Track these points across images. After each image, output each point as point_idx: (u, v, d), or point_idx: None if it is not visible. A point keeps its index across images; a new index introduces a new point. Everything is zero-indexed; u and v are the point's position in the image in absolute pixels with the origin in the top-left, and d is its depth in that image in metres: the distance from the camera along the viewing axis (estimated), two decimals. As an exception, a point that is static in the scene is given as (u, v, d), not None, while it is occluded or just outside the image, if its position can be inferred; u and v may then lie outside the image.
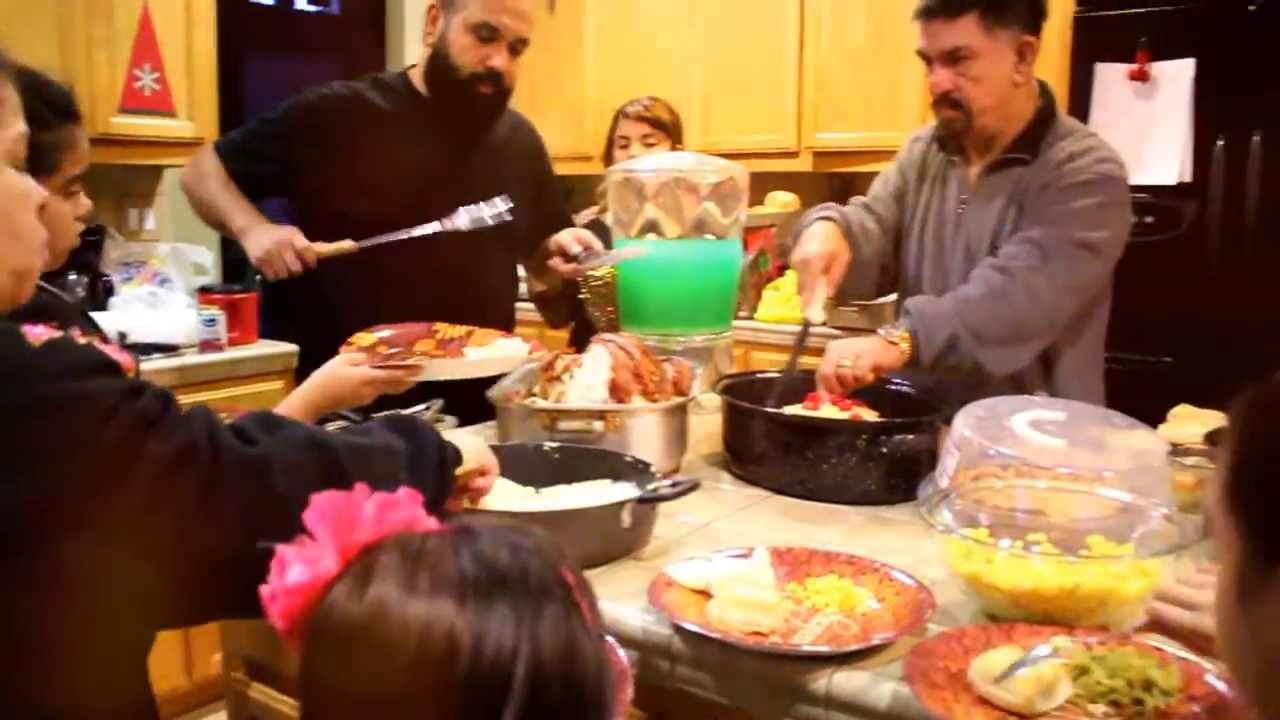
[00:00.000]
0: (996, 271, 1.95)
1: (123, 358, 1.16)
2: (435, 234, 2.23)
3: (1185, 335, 3.27)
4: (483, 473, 1.40)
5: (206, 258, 3.75)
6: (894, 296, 2.31)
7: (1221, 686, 1.11)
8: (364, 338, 1.88)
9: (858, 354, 1.90)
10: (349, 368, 1.71)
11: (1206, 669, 1.13)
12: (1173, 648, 1.18)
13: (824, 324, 2.08)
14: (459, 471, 1.31)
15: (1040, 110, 2.07)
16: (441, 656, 0.71)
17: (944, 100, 2.04)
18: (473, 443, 1.40)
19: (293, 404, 1.66)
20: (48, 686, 0.96)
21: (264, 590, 0.79)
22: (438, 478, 1.23)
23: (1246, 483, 0.73)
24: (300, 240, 2.22)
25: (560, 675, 0.74)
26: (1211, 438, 1.65)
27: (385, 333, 1.91)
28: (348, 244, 2.23)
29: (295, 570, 0.77)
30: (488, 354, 1.94)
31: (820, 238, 2.12)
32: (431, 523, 0.82)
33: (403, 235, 2.22)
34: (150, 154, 3.55)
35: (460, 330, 1.99)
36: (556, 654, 0.74)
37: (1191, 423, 1.84)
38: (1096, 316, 2.12)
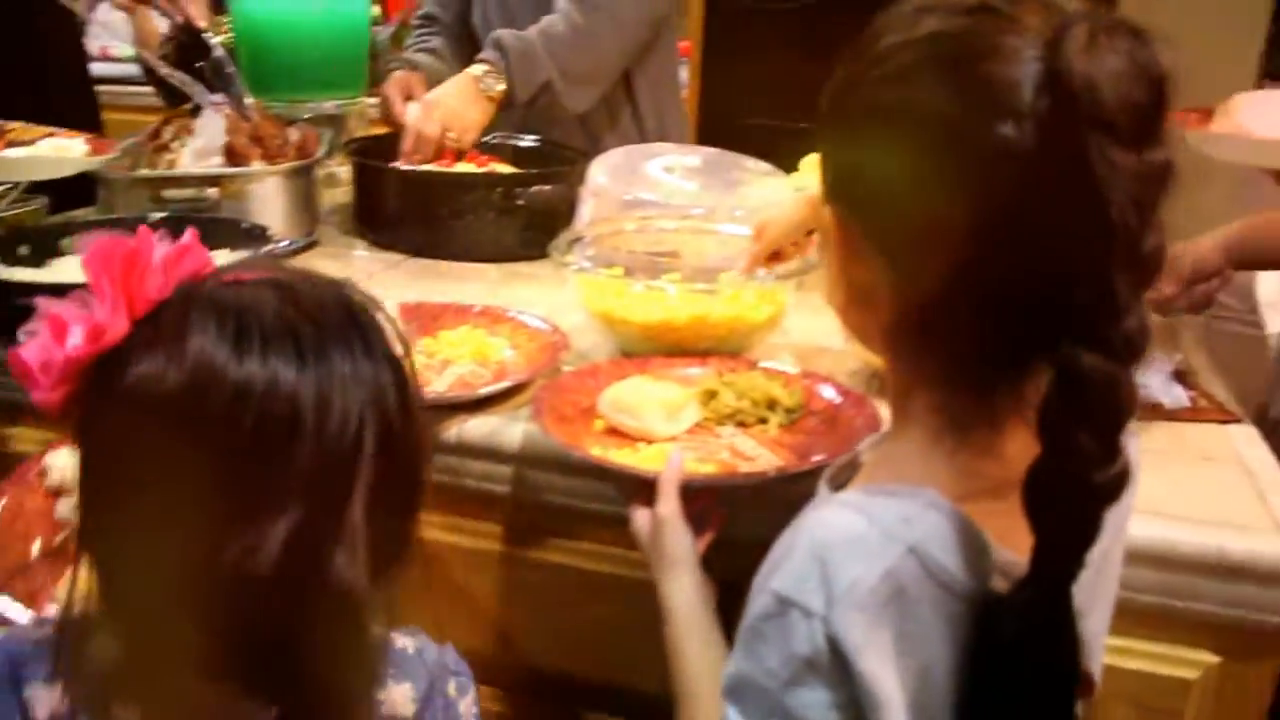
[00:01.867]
0: (580, 7, 1.87)
1: None
2: None
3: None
4: None
5: None
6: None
7: (838, 399, 1.14)
8: None
9: (464, 126, 1.81)
10: None
11: (824, 385, 1.16)
12: (796, 369, 1.20)
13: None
14: None
15: None
16: (284, 422, 0.62)
17: None
18: None
19: None
20: None
21: (29, 358, 0.64)
22: None
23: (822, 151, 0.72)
24: None
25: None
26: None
27: None
28: None
29: (77, 333, 0.63)
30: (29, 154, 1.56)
31: (391, 83, 2.02)
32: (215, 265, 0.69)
33: None
34: None
35: (39, 131, 1.67)
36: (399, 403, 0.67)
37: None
38: (665, 36, 2.09)
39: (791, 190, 1.66)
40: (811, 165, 1.93)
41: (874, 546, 0.63)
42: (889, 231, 0.67)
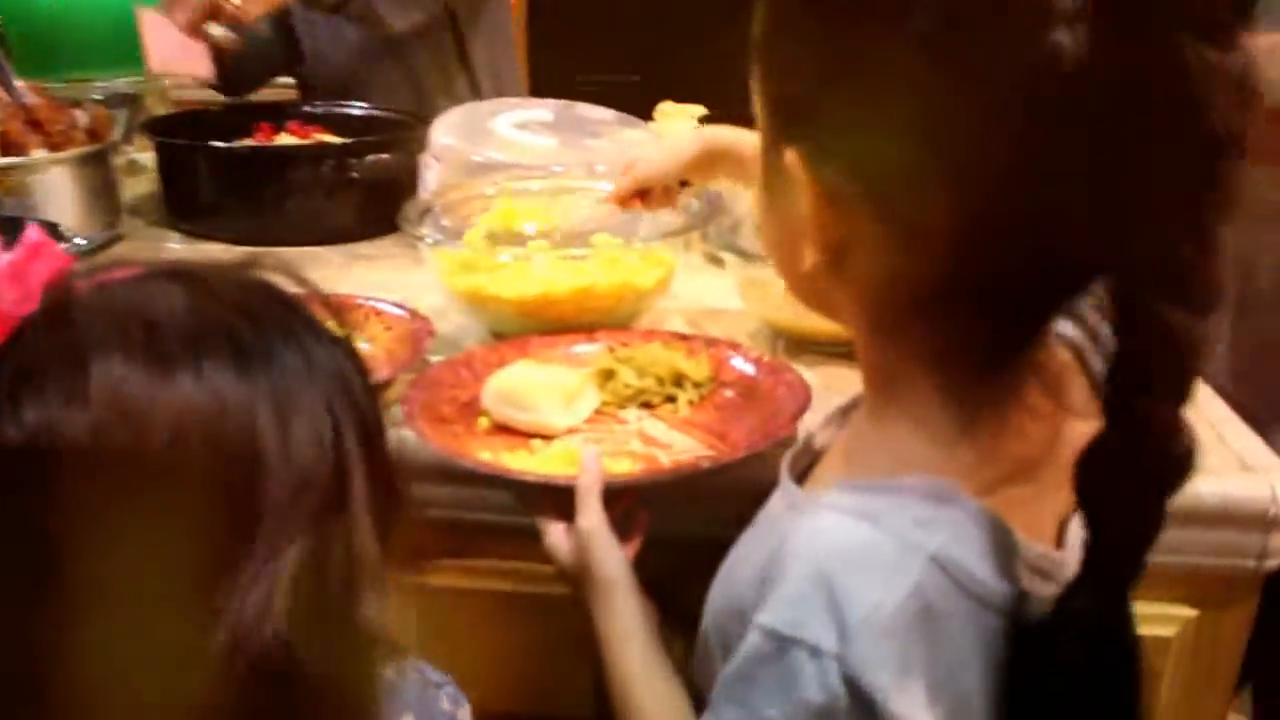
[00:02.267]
0: None
1: None
2: None
3: (650, 53, 3.26)
4: None
5: None
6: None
7: (750, 369, 1.01)
8: None
9: None
10: None
11: (733, 353, 1.03)
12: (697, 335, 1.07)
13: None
14: None
15: None
16: (245, 444, 0.48)
17: None
18: None
19: None
20: None
21: None
22: None
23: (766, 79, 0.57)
24: None
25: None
26: (705, 122, 1.56)
27: None
28: None
29: None
30: None
31: None
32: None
33: None
34: None
35: None
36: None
37: (678, 116, 1.75)
38: None
39: (652, 135, 1.54)
40: (669, 113, 1.80)
41: (890, 560, 0.51)
42: (889, 179, 0.51)
